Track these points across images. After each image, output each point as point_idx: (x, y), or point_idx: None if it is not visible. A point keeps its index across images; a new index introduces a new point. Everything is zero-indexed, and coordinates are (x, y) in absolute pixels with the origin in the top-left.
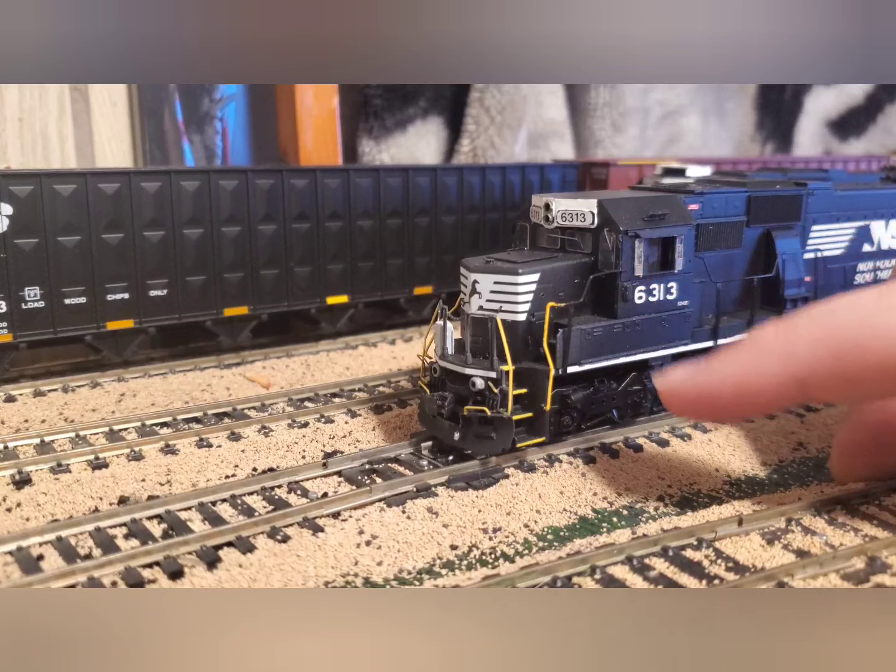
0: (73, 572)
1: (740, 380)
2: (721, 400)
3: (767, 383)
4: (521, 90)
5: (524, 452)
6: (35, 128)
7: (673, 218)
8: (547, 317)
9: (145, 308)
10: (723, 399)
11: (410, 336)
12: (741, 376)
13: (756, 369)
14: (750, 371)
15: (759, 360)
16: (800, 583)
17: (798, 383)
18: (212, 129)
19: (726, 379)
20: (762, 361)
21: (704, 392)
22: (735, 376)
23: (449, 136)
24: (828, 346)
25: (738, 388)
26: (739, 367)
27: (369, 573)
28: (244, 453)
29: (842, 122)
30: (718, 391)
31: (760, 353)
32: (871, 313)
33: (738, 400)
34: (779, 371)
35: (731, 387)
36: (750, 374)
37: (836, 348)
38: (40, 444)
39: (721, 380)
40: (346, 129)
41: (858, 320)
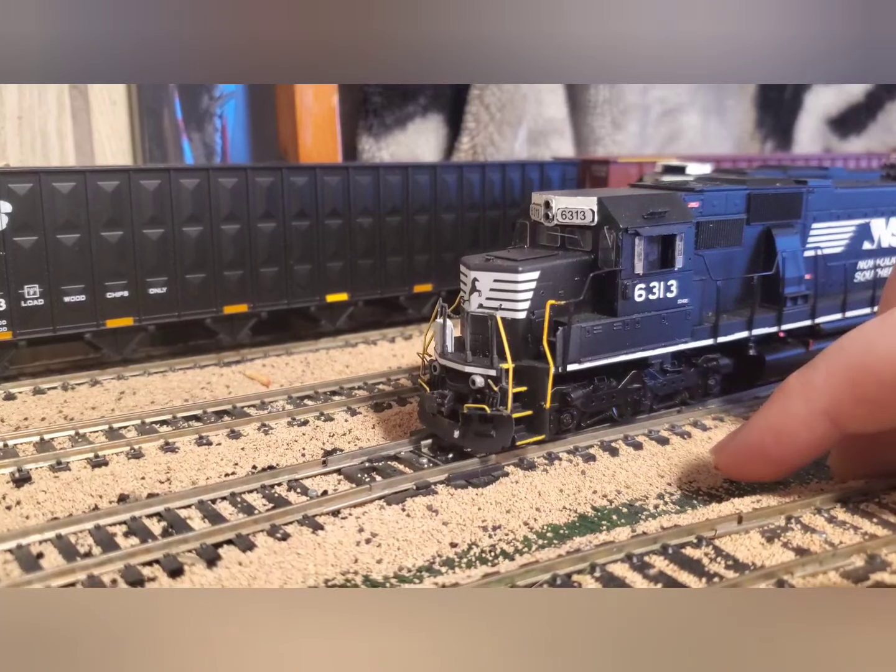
0: (73, 570)
1: (776, 426)
2: (765, 449)
3: (799, 423)
4: (521, 88)
5: (524, 450)
6: (34, 125)
7: (673, 216)
8: (547, 315)
9: (145, 306)
10: (767, 448)
11: (410, 334)
12: (775, 422)
13: (786, 412)
14: (781, 415)
15: (787, 403)
16: (799, 581)
17: (826, 417)
18: (211, 126)
19: (764, 428)
20: (789, 404)
21: (749, 445)
22: (770, 423)
23: (449, 133)
24: (842, 376)
25: (777, 434)
26: (772, 415)
27: (369, 571)
28: (244, 451)
29: (842, 120)
30: (761, 441)
31: (786, 397)
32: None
33: (777, 446)
34: (805, 409)
35: (770, 434)
36: (782, 418)
37: (850, 376)
38: (40, 442)
39: (760, 430)
40: (346, 126)
41: (865, 346)
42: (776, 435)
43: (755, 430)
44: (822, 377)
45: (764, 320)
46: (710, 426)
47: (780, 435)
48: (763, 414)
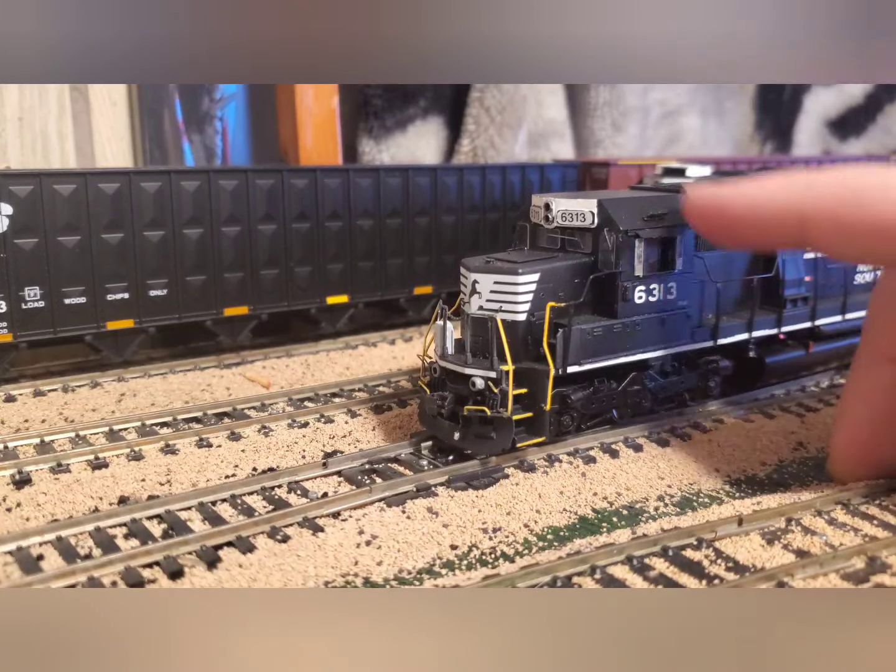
0: (73, 572)
1: (754, 196)
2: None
3: (775, 207)
4: (521, 90)
5: (524, 452)
6: (35, 127)
7: (673, 218)
8: (547, 317)
9: (145, 308)
10: (733, 211)
11: (410, 336)
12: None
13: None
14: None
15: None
16: (800, 583)
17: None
18: (212, 128)
19: (743, 193)
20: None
21: (720, 201)
22: (750, 192)
23: (449, 135)
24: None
25: (750, 203)
26: (758, 187)
27: (369, 573)
28: (244, 453)
29: (841, 122)
30: (732, 203)
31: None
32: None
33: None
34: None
35: (744, 200)
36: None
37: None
38: (40, 443)
39: (738, 193)
40: (346, 128)
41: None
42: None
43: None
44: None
45: (764, 322)
46: (710, 428)
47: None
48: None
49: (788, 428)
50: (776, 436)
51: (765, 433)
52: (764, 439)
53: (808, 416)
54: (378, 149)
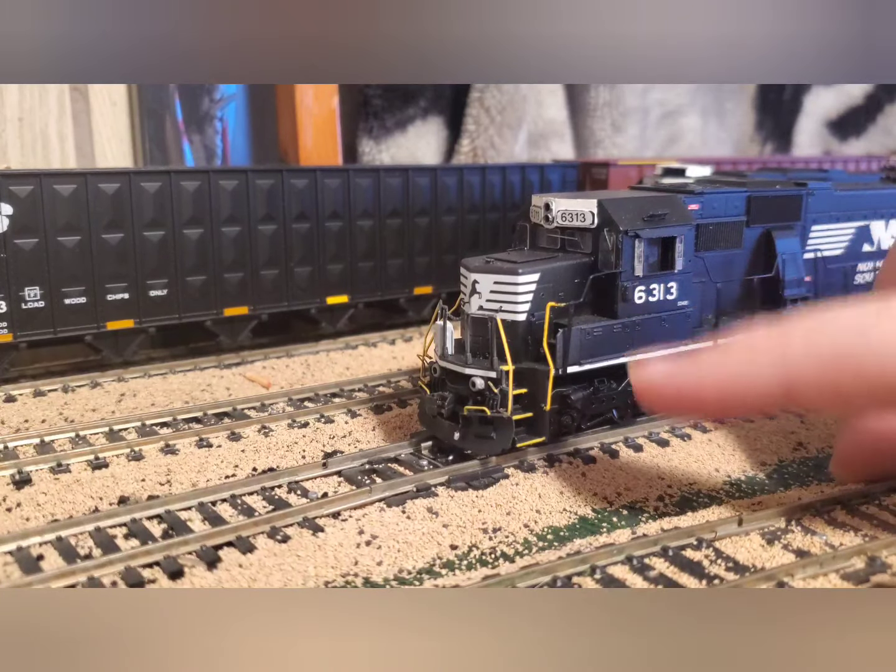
0: (73, 572)
1: (726, 381)
2: (703, 400)
3: (754, 387)
4: (521, 90)
5: (524, 452)
6: (35, 127)
7: (673, 218)
8: (547, 317)
9: (145, 308)
10: (705, 399)
11: (410, 336)
12: (727, 378)
13: (744, 372)
14: (736, 373)
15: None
16: (800, 583)
17: (785, 389)
18: (212, 129)
19: (710, 379)
20: (751, 364)
21: (685, 391)
22: (720, 377)
23: (449, 136)
24: (822, 355)
25: (722, 389)
26: (726, 369)
27: (369, 573)
28: (244, 453)
29: (841, 123)
30: (700, 391)
31: (750, 355)
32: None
33: (720, 401)
34: (767, 375)
35: (714, 388)
36: (736, 376)
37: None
38: (40, 444)
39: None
40: (346, 128)
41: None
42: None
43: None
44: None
45: None
46: (710, 428)
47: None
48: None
49: (788, 428)
50: (776, 436)
51: (765, 433)
52: (764, 439)
53: (808, 415)
54: (378, 149)
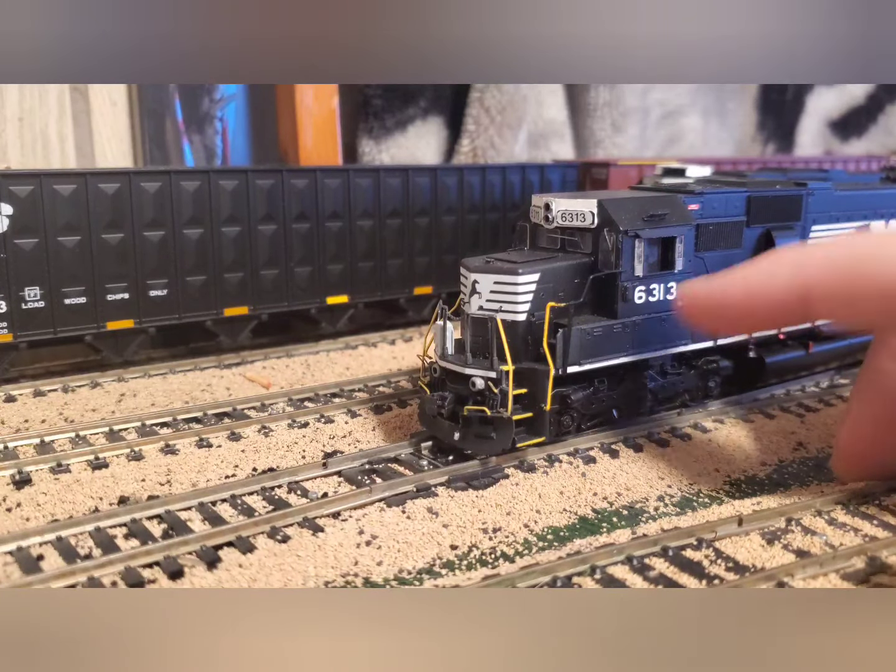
0: (73, 572)
1: (751, 284)
2: (730, 302)
3: (775, 290)
4: (521, 90)
5: (524, 452)
6: (35, 128)
7: (673, 218)
8: (547, 317)
9: (145, 308)
10: (732, 302)
11: (410, 336)
12: (752, 280)
13: (767, 276)
14: (761, 276)
15: (772, 268)
16: (800, 583)
17: (803, 294)
18: (212, 129)
19: (738, 282)
20: (774, 269)
21: (716, 294)
22: (746, 280)
23: (449, 136)
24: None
25: (748, 291)
26: (752, 273)
27: (369, 573)
28: (244, 453)
29: (843, 123)
30: (729, 294)
31: (775, 262)
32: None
33: (745, 304)
34: (787, 279)
35: (741, 290)
36: (760, 279)
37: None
38: (40, 444)
39: (733, 283)
40: (346, 129)
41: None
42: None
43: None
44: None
45: None
46: (711, 428)
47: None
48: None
49: (788, 428)
50: (776, 436)
51: (765, 433)
52: (764, 439)
53: (808, 416)
54: (378, 149)
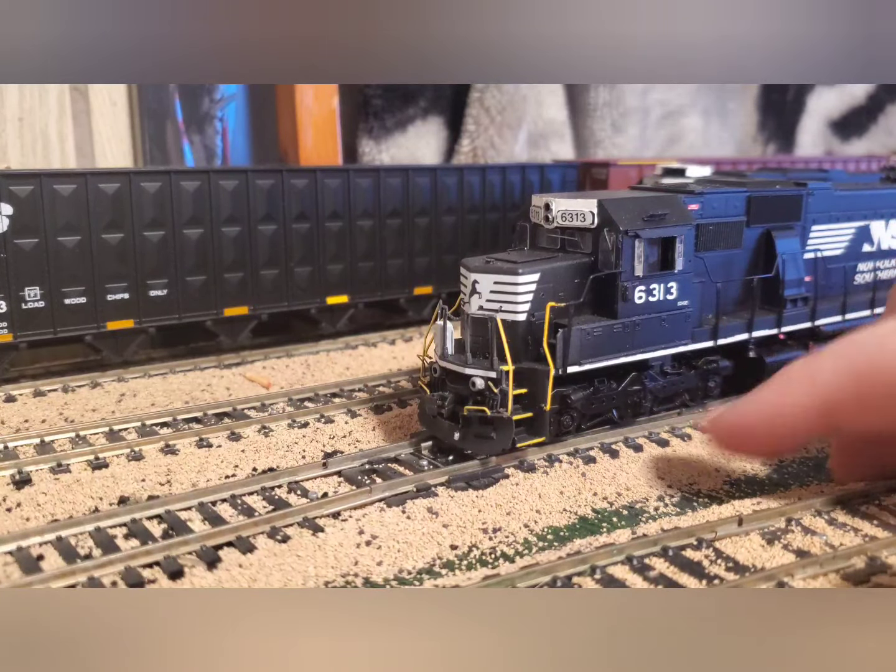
0: (73, 572)
1: (771, 408)
2: (755, 430)
3: (795, 410)
4: (521, 90)
5: (524, 452)
6: (35, 128)
7: (673, 218)
8: (547, 317)
9: (145, 308)
10: (757, 429)
11: (410, 336)
12: (772, 405)
13: (785, 397)
14: (779, 400)
15: (788, 389)
16: (800, 583)
17: (823, 409)
18: (212, 129)
19: (759, 408)
20: (790, 390)
21: (741, 422)
22: (766, 405)
23: (449, 136)
24: (848, 371)
25: (770, 417)
26: (770, 397)
27: (369, 573)
28: (244, 453)
29: (844, 123)
30: (753, 421)
31: (789, 382)
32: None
33: (770, 429)
34: (805, 397)
35: (764, 416)
36: (779, 403)
37: (855, 372)
38: (40, 444)
39: (755, 410)
40: (346, 129)
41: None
42: (769, 417)
43: (749, 409)
44: (829, 372)
45: (764, 322)
46: None
47: (773, 417)
48: (762, 395)
49: None
50: None
51: None
52: None
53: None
54: (378, 149)
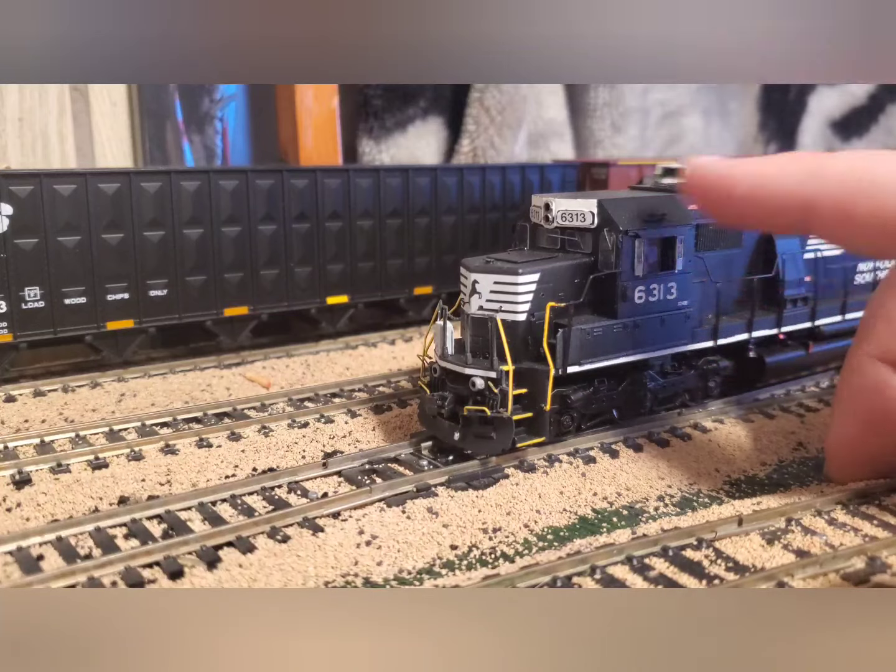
0: (73, 572)
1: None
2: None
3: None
4: (521, 90)
5: (524, 452)
6: (35, 128)
7: (673, 218)
8: (547, 317)
9: (145, 308)
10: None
11: (410, 336)
12: (762, 175)
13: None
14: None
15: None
16: (800, 583)
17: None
18: (212, 129)
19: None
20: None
21: (723, 178)
22: (756, 174)
23: (449, 136)
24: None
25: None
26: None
27: (369, 573)
28: (244, 453)
29: (845, 123)
30: (735, 182)
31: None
32: None
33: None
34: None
35: (748, 181)
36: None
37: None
38: (40, 444)
39: (743, 172)
40: (346, 129)
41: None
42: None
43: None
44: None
45: (764, 322)
46: (711, 428)
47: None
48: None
49: (788, 428)
50: (776, 436)
51: (765, 433)
52: (764, 439)
53: (808, 416)
54: (378, 149)
